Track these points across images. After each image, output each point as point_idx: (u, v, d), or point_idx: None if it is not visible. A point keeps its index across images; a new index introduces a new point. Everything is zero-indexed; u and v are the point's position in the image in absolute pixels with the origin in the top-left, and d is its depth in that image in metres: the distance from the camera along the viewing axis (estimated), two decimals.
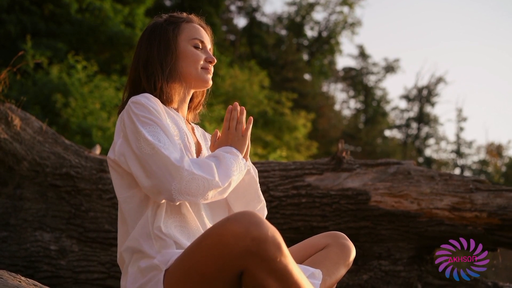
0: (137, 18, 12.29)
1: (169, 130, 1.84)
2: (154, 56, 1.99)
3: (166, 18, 2.07)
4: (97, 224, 3.71)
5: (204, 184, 1.76)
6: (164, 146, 1.76)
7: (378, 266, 3.62)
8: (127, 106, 1.86)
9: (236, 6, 23.63)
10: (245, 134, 1.97)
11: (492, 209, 3.44)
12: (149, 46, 2.02)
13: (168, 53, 2.00)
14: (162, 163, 1.74)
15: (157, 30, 2.04)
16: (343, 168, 3.76)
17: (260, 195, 2.09)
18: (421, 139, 27.82)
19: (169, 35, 2.02)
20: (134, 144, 1.78)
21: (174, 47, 2.01)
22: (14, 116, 3.73)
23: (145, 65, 2.00)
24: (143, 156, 1.76)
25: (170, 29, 2.03)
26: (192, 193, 1.75)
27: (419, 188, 3.59)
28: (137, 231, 1.82)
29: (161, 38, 2.02)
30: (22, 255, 3.60)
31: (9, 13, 10.95)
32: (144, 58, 2.01)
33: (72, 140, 8.47)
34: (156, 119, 1.83)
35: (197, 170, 1.76)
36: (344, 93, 29.01)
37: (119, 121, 1.90)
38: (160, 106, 1.89)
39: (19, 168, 3.72)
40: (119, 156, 1.84)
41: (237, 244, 1.53)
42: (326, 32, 25.28)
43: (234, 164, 1.87)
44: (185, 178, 1.73)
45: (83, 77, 9.64)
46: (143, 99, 1.86)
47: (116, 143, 1.87)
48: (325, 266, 1.94)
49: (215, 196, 1.82)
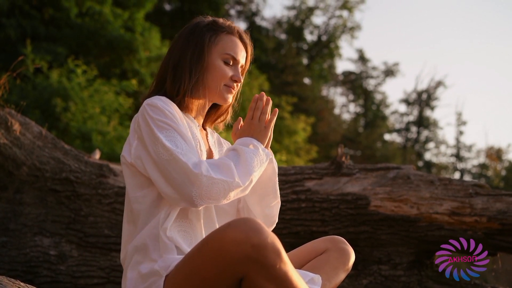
0: (137, 22, 12.29)
1: (186, 134, 1.82)
2: (186, 59, 1.96)
3: (209, 23, 2.02)
4: (97, 229, 3.71)
5: (224, 187, 1.75)
6: (182, 152, 1.75)
7: (378, 271, 3.62)
8: (143, 108, 1.85)
9: (235, 10, 23.66)
10: (268, 126, 1.94)
11: (492, 213, 3.44)
12: (184, 47, 1.98)
13: (200, 61, 1.96)
14: (181, 169, 1.72)
15: (196, 33, 1.99)
16: (342, 172, 3.76)
17: (277, 191, 2.05)
18: (421, 143, 27.81)
19: (205, 42, 1.97)
20: (152, 149, 1.77)
21: (206, 56, 1.96)
22: (13, 121, 3.73)
23: (175, 66, 1.96)
24: (161, 162, 1.75)
25: (208, 36, 1.98)
26: (213, 197, 1.75)
27: (419, 193, 3.59)
28: (146, 232, 1.81)
29: (197, 43, 1.97)
30: (22, 260, 3.60)
31: (9, 17, 10.95)
32: (176, 59, 1.97)
33: (72, 144, 8.47)
34: (173, 123, 1.81)
35: (215, 174, 1.74)
36: (343, 97, 29.01)
37: (133, 122, 1.89)
38: (176, 110, 1.88)
39: (18, 173, 3.72)
40: (135, 159, 1.83)
41: (237, 251, 1.54)
42: (326, 36, 25.28)
43: (254, 159, 1.84)
44: (205, 184, 1.72)
45: (83, 82, 9.64)
46: (160, 102, 1.84)
47: (131, 145, 1.86)
48: (325, 271, 1.94)
49: (237, 195, 1.81)
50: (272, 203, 2.05)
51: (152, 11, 14.11)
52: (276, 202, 2.06)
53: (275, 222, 2.09)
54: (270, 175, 2.02)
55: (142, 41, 11.79)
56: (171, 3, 18.05)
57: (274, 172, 2.02)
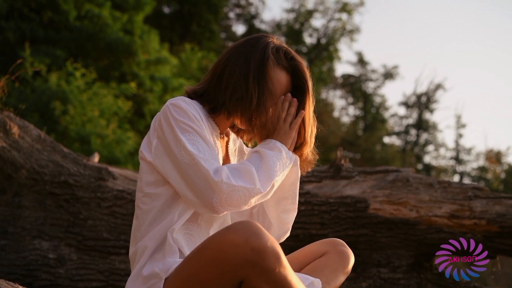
0: (136, 25, 12.28)
1: (208, 139, 1.80)
2: (241, 75, 1.88)
3: (284, 50, 2.03)
4: (96, 232, 3.70)
5: (245, 194, 1.72)
6: (204, 157, 1.73)
7: (377, 273, 3.62)
8: (165, 107, 1.82)
9: (235, 13, 23.66)
10: (292, 127, 1.91)
11: (491, 216, 3.43)
12: (246, 62, 1.90)
13: (261, 92, 1.88)
14: (202, 175, 1.71)
15: (269, 55, 1.95)
16: (342, 175, 3.76)
17: (297, 196, 2.00)
18: (420, 145, 27.80)
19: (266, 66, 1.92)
20: (174, 151, 1.75)
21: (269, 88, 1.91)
22: (12, 124, 3.73)
23: (229, 77, 1.88)
24: (183, 165, 1.74)
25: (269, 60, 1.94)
26: (234, 204, 1.73)
27: (418, 196, 3.59)
28: (159, 231, 1.80)
29: (267, 71, 1.91)
30: (21, 264, 3.59)
31: (8, 20, 10.95)
32: (238, 72, 1.89)
33: (71, 147, 8.47)
34: (196, 126, 1.79)
35: (236, 180, 1.72)
36: (343, 99, 29.01)
37: (155, 120, 1.86)
38: (199, 114, 1.85)
39: (17, 176, 3.72)
40: (155, 159, 1.81)
41: (236, 254, 1.53)
42: (325, 39, 25.29)
43: (277, 163, 1.81)
44: (225, 191, 1.70)
45: (82, 85, 9.64)
46: (183, 104, 1.81)
47: (151, 143, 1.83)
48: (324, 274, 1.94)
49: (259, 201, 1.79)
50: (290, 207, 2.00)
51: (151, 14, 14.11)
52: (293, 208, 2.01)
53: (289, 231, 2.04)
54: (294, 181, 1.97)
55: (141, 44, 11.80)
56: (170, 6, 18.06)
57: (297, 178, 1.97)
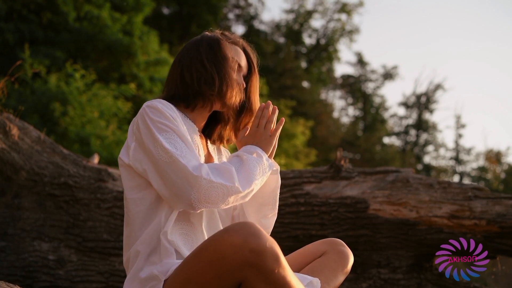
0: (135, 26, 12.28)
1: (186, 137, 1.82)
2: (197, 64, 1.96)
3: (215, 33, 2.05)
4: (96, 234, 3.70)
5: (223, 191, 1.74)
6: (182, 154, 1.75)
7: (377, 274, 3.61)
8: (142, 110, 1.84)
9: (234, 14, 23.68)
10: (273, 134, 1.96)
11: (491, 216, 3.43)
12: (195, 54, 1.98)
13: (213, 65, 1.97)
14: (180, 172, 1.72)
15: (203, 42, 2.00)
16: (341, 176, 3.76)
17: (277, 202, 2.05)
18: (420, 146, 27.82)
19: (215, 48, 1.99)
20: (152, 151, 1.77)
21: (218, 61, 1.97)
22: (12, 125, 3.73)
23: (185, 71, 1.96)
24: (161, 165, 1.75)
25: (216, 43, 2.00)
26: (212, 201, 1.74)
27: (418, 196, 3.58)
28: (147, 235, 1.81)
29: (208, 50, 1.99)
30: (20, 265, 3.59)
31: (7, 22, 10.95)
32: (188, 64, 1.97)
33: (71, 148, 8.46)
34: (173, 125, 1.81)
35: (215, 177, 1.74)
36: (342, 100, 29.03)
37: (132, 124, 1.88)
38: (176, 114, 1.87)
39: (17, 177, 3.72)
40: (134, 161, 1.82)
41: (235, 255, 1.53)
42: (324, 39, 25.31)
43: (257, 167, 1.84)
44: (204, 187, 1.71)
45: (82, 86, 9.63)
46: (159, 105, 1.84)
47: (130, 147, 1.85)
48: (323, 274, 1.94)
49: (237, 201, 1.81)
50: (270, 214, 2.04)
51: (150, 15, 14.10)
52: (273, 213, 2.05)
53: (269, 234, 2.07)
54: (274, 188, 2.02)
55: (141, 45, 11.79)
56: (170, 7, 18.06)
57: (277, 186, 2.02)
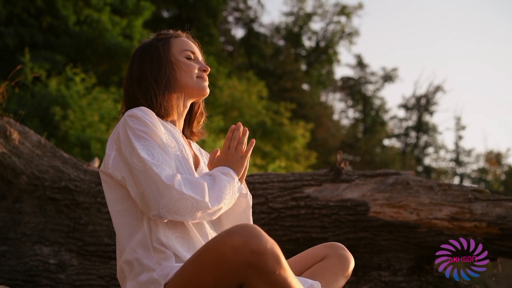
0: (135, 30, 12.31)
1: (165, 145, 1.83)
2: (147, 72, 2.00)
3: (154, 37, 2.10)
4: (96, 238, 3.70)
5: (192, 205, 1.75)
6: (157, 163, 1.75)
7: (378, 277, 3.62)
8: (123, 119, 1.86)
9: (233, 17, 23.70)
10: (244, 156, 1.96)
11: (491, 218, 3.44)
12: (141, 63, 2.03)
13: (161, 67, 2.01)
14: (152, 180, 1.73)
15: (147, 48, 2.06)
16: (342, 179, 3.76)
17: (250, 220, 2.08)
18: (420, 148, 27.83)
19: (160, 50, 2.04)
20: (128, 159, 1.78)
21: (167, 60, 2.03)
22: (12, 130, 3.73)
23: (138, 82, 2.01)
24: (135, 173, 1.76)
25: (160, 45, 2.05)
26: (180, 212, 1.74)
27: (418, 199, 3.59)
28: (135, 243, 1.81)
29: (152, 55, 2.03)
30: (21, 269, 3.59)
31: (7, 26, 10.97)
32: (137, 76, 2.02)
33: (71, 152, 8.47)
34: (152, 132, 1.82)
35: (187, 190, 1.74)
36: (342, 102, 29.06)
37: (113, 134, 1.89)
38: (156, 120, 1.89)
39: (17, 182, 3.72)
40: (113, 170, 1.83)
41: (236, 257, 1.53)
42: (324, 42, 25.33)
43: (228, 187, 1.85)
44: (174, 197, 1.72)
45: (82, 90, 9.65)
46: (139, 112, 1.85)
47: (109, 156, 1.86)
48: (324, 278, 1.94)
49: (204, 217, 1.82)
50: None
51: (150, 19, 14.12)
52: None
53: None
54: (245, 209, 2.05)
55: None
56: (169, 11, 18.09)
57: (248, 207, 2.05)
